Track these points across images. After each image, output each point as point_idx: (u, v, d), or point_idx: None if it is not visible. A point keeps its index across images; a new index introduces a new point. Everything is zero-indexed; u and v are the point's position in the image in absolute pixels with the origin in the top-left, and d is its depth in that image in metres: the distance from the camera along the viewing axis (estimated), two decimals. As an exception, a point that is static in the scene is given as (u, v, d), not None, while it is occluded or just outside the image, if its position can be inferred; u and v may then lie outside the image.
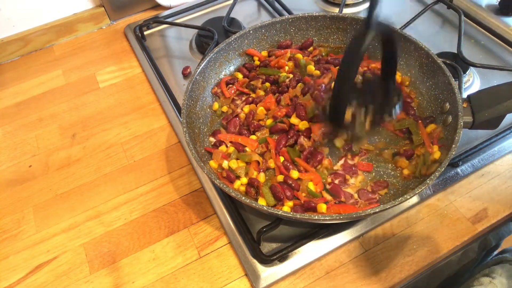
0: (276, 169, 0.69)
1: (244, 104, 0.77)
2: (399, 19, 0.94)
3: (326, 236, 0.65)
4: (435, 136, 0.68)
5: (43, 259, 0.67)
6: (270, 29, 0.83)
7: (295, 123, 0.71)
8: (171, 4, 1.10)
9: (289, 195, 0.65)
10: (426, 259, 0.63)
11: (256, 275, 0.62)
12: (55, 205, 0.74)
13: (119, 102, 0.90)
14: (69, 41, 1.07)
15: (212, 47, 0.88)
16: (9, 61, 1.03)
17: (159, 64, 0.95)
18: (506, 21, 0.95)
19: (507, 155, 0.74)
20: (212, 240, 0.68)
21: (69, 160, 0.81)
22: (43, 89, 0.95)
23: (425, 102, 0.75)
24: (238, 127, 0.74)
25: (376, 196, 0.65)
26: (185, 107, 0.69)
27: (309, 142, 0.69)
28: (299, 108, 0.72)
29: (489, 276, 0.75)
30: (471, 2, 1.01)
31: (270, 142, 0.70)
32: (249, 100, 0.77)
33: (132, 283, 0.64)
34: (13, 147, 0.84)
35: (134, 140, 0.83)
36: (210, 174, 0.60)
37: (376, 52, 0.78)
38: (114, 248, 0.68)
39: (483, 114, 0.62)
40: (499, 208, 0.68)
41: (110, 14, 1.09)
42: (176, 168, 0.77)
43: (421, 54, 0.74)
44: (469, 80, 0.84)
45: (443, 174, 0.71)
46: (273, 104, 0.75)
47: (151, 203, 0.73)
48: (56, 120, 0.88)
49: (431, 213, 0.68)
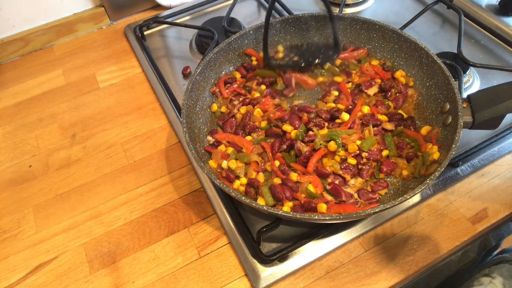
0: (273, 172, 0.69)
1: (241, 105, 0.77)
2: (399, 19, 0.94)
3: (326, 236, 0.65)
4: (433, 136, 0.68)
5: (43, 259, 0.68)
6: (270, 29, 0.83)
7: (288, 130, 0.71)
8: (171, 4, 1.10)
9: (289, 196, 0.65)
10: (426, 259, 0.63)
11: (256, 275, 0.62)
12: (55, 205, 0.74)
13: (119, 102, 0.90)
14: (69, 41, 1.07)
15: (212, 47, 0.88)
16: (9, 61, 1.03)
17: (159, 64, 0.95)
18: (506, 21, 0.95)
19: (507, 155, 0.74)
20: (212, 240, 0.68)
21: (69, 160, 0.81)
22: (43, 89, 0.95)
23: (425, 102, 0.75)
24: (234, 127, 0.74)
25: (376, 196, 0.65)
26: (185, 107, 0.69)
27: (306, 147, 0.69)
28: (293, 117, 0.72)
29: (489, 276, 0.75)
30: (471, 2, 1.01)
31: (265, 146, 0.71)
32: (246, 101, 0.77)
33: (132, 283, 0.64)
34: (13, 147, 0.84)
35: (134, 140, 0.83)
36: (210, 174, 0.60)
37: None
38: (114, 248, 0.68)
39: (483, 114, 0.62)
40: (499, 208, 0.68)
41: (110, 14, 1.09)
42: (176, 168, 0.77)
43: (421, 54, 0.74)
44: (469, 80, 0.84)
45: (443, 174, 0.71)
46: (270, 106, 0.75)
47: (151, 203, 0.73)
48: (56, 120, 0.88)
49: (431, 213, 0.68)
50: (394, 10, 1.03)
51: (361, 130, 0.71)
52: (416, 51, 0.75)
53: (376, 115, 0.73)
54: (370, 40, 0.81)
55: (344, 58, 0.82)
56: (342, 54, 0.82)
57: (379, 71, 0.79)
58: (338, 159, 0.68)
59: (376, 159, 0.68)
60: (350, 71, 0.80)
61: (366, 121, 0.72)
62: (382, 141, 0.70)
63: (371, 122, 0.71)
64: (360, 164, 0.68)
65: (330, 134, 0.68)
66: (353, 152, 0.68)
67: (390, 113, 0.74)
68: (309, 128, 0.71)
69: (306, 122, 0.71)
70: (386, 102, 0.75)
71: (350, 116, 0.73)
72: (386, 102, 0.76)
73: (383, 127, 0.72)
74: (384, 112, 0.74)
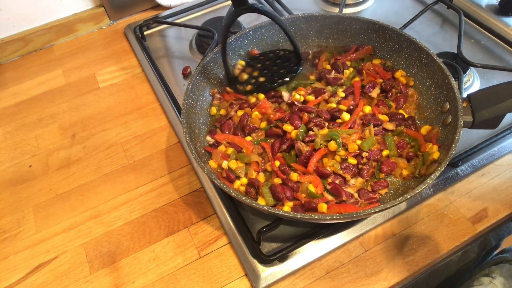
0: (273, 172, 0.69)
1: (238, 108, 0.77)
2: (399, 19, 0.94)
3: (326, 236, 0.65)
4: (433, 136, 0.68)
5: (43, 259, 0.67)
6: (270, 29, 0.83)
7: (288, 130, 0.71)
8: (171, 4, 1.10)
9: (289, 196, 0.64)
10: (426, 259, 0.63)
11: (256, 275, 0.62)
12: (55, 205, 0.74)
13: (119, 102, 0.90)
14: (69, 41, 1.07)
15: (212, 47, 0.88)
16: (9, 61, 1.03)
17: (159, 64, 0.95)
18: (506, 21, 0.95)
19: (507, 155, 0.74)
20: (212, 240, 0.68)
21: (69, 160, 0.81)
22: (43, 89, 0.95)
23: (425, 102, 0.75)
24: (233, 129, 0.74)
25: (376, 195, 0.65)
26: (185, 107, 0.69)
27: (306, 147, 0.69)
28: (294, 117, 0.72)
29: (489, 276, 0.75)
30: (471, 2, 1.01)
31: (266, 146, 0.70)
32: (244, 106, 0.77)
33: (132, 283, 0.64)
34: (13, 147, 0.84)
35: (134, 140, 0.83)
36: (211, 174, 0.60)
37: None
38: (114, 248, 0.68)
39: (483, 113, 0.62)
40: (499, 208, 0.68)
41: (110, 14, 1.09)
42: (176, 168, 0.77)
43: (421, 54, 0.74)
44: (469, 80, 0.84)
45: (443, 174, 0.71)
46: (268, 108, 0.75)
47: (151, 203, 0.73)
48: (56, 120, 0.88)
49: (431, 213, 0.68)
50: (394, 10, 1.03)
51: (362, 130, 0.71)
52: (416, 50, 0.75)
53: (377, 115, 0.73)
54: (370, 40, 0.81)
55: (352, 59, 0.82)
56: (349, 55, 0.82)
57: (380, 71, 0.79)
58: (338, 159, 0.68)
59: (377, 159, 0.68)
60: (361, 69, 0.81)
61: (366, 121, 0.72)
62: (382, 141, 0.70)
63: (371, 122, 0.71)
64: (360, 164, 0.68)
65: (331, 134, 0.68)
66: (353, 152, 0.68)
67: (391, 113, 0.74)
68: (310, 128, 0.71)
69: (306, 122, 0.71)
70: (388, 102, 0.75)
71: (351, 116, 0.73)
72: (388, 102, 0.75)
73: (383, 127, 0.72)
74: (385, 112, 0.74)
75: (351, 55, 0.82)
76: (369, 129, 0.70)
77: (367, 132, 0.70)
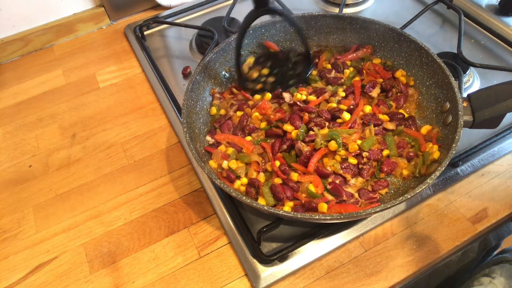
0: (274, 172, 0.69)
1: (237, 109, 0.77)
2: (399, 19, 0.94)
3: (326, 236, 0.65)
4: (433, 136, 0.68)
5: (43, 259, 0.67)
6: (270, 29, 0.83)
7: (288, 130, 0.71)
8: (171, 4, 1.10)
9: (289, 196, 0.64)
10: (426, 259, 0.63)
11: (256, 275, 0.62)
12: (55, 205, 0.74)
13: (119, 102, 0.90)
14: (69, 41, 1.07)
15: (212, 47, 0.88)
16: (9, 61, 1.03)
17: (159, 64, 0.95)
18: (506, 21, 0.95)
19: (507, 155, 0.74)
20: (212, 240, 0.68)
21: (69, 160, 0.81)
22: (43, 89, 0.95)
23: (425, 102, 0.75)
24: (232, 129, 0.74)
25: (376, 195, 0.65)
26: (185, 107, 0.69)
27: (307, 147, 0.69)
28: (294, 117, 0.72)
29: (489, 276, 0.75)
30: (471, 2, 1.01)
31: (266, 146, 0.70)
32: (243, 106, 0.77)
33: (132, 283, 0.64)
34: (13, 147, 0.84)
35: (134, 140, 0.83)
36: (211, 174, 0.60)
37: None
38: (114, 248, 0.68)
39: (483, 113, 0.62)
40: (499, 208, 0.68)
41: (110, 14, 1.09)
42: (176, 168, 0.77)
43: (421, 54, 0.74)
44: (469, 80, 0.84)
45: (443, 174, 0.71)
46: (268, 109, 0.75)
47: (151, 203, 0.73)
48: (56, 120, 0.88)
49: (431, 213, 0.68)
50: (394, 10, 1.04)
51: (362, 129, 0.71)
52: (416, 50, 0.75)
53: (377, 114, 0.73)
54: (370, 39, 0.81)
55: (352, 59, 0.82)
56: (350, 55, 0.82)
57: (380, 70, 0.79)
58: (338, 159, 0.68)
59: (377, 158, 0.68)
60: (361, 68, 0.81)
61: (367, 120, 0.72)
62: (383, 140, 0.70)
63: (372, 121, 0.71)
64: (360, 164, 0.68)
65: (331, 134, 0.68)
66: (353, 151, 0.68)
67: (392, 113, 0.74)
68: (310, 128, 0.71)
69: (307, 121, 0.71)
70: (388, 102, 0.75)
71: (352, 116, 0.73)
72: (388, 101, 0.75)
73: (384, 127, 0.72)
74: (385, 112, 0.74)
75: (351, 54, 0.82)
76: (370, 128, 0.70)
77: (367, 132, 0.70)
